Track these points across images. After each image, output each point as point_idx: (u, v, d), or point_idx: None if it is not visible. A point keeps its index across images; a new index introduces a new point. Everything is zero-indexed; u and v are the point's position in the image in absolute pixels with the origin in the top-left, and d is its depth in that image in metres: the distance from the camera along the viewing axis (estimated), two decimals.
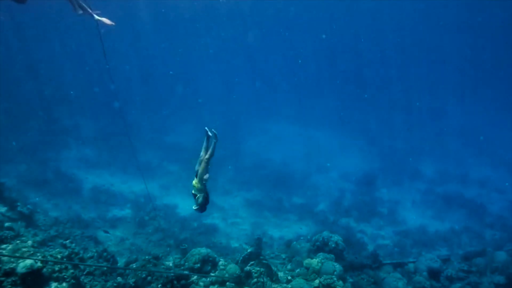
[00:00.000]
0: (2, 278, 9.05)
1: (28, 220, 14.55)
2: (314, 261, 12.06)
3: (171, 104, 50.51)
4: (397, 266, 16.54)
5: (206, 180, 8.17)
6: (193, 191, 8.40)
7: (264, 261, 11.26)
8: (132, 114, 40.82)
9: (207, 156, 8.04)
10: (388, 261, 16.72)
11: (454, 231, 23.87)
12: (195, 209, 8.61)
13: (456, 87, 64.94)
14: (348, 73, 71.17)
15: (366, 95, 59.37)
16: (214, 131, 8.04)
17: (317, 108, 57.60)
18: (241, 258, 11.72)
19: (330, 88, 69.50)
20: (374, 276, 14.80)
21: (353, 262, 15.33)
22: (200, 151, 8.26)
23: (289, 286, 10.69)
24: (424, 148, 43.46)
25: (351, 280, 13.89)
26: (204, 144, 8.20)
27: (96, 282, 10.94)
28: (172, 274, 9.96)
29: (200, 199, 8.35)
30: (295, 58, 75.39)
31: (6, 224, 12.23)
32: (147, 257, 11.38)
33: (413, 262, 16.86)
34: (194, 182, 8.29)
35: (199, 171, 8.12)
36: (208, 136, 8.15)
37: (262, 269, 10.72)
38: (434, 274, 16.08)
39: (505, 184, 33.58)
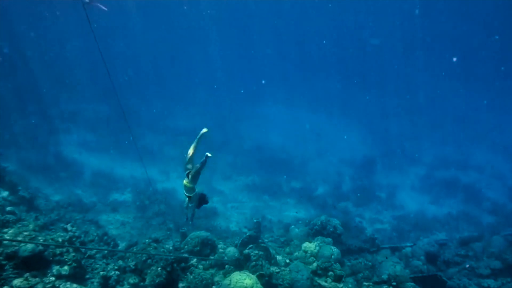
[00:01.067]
0: (4, 262, 9.20)
1: (30, 204, 14.69)
2: (312, 245, 12.19)
3: (171, 89, 50.48)
4: (395, 250, 16.73)
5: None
6: (184, 192, 8.42)
7: (262, 245, 11.41)
8: (132, 99, 40.76)
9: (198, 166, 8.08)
10: (386, 245, 16.92)
11: (452, 216, 24.04)
12: (195, 206, 8.64)
13: (455, 72, 64.65)
14: (349, 59, 70.82)
15: (367, 81, 59.24)
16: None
17: (317, 93, 57.50)
18: (240, 241, 11.87)
19: (330, 73, 69.33)
20: (372, 260, 14.98)
21: (351, 246, 15.52)
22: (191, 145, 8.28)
23: (287, 269, 10.82)
24: (423, 134, 43.50)
25: (349, 263, 14.07)
26: (194, 143, 8.33)
27: (97, 265, 11.12)
28: (172, 257, 10.11)
29: (196, 199, 8.39)
30: (294, 43, 74.94)
31: (8, 208, 12.36)
32: (147, 240, 11.52)
33: (411, 246, 17.05)
34: (185, 181, 8.30)
35: (191, 174, 8.14)
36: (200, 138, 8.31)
37: (260, 252, 10.85)
38: (431, 258, 16.31)
39: (503, 170, 33.76)
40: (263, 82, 59.61)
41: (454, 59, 58.99)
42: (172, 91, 50.09)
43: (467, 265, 15.85)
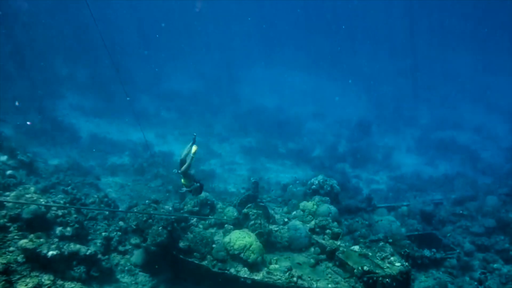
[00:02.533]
0: (9, 224, 9.34)
1: (29, 168, 14.71)
2: (310, 204, 12.34)
3: (167, 51, 49.70)
4: (391, 209, 17.01)
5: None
6: (184, 188, 9.21)
7: (261, 204, 11.55)
8: (127, 62, 40.24)
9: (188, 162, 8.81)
10: (382, 205, 17.19)
11: (448, 177, 24.33)
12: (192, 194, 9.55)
13: (454, 33, 63.84)
14: (345, 18, 69.54)
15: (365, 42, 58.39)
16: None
17: (314, 53, 56.77)
18: (238, 201, 11.98)
19: (326, 31, 68.27)
20: (369, 219, 15.26)
21: (348, 205, 15.77)
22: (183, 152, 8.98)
23: (286, 227, 11.02)
24: (420, 95, 43.41)
25: (346, 222, 14.35)
26: (186, 150, 8.95)
27: (99, 227, 11.31)
28: (172, 217, 10.27)
29: (196, 190, 9.30)
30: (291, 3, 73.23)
31: (8, 172, 12.36)
32: (147, 201, 11.66)
33: (407, 205, 17.29)
34: (182, 181, 9.10)
35: (184, 169, 8.82)
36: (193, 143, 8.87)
37: (259, 211, 11.00)
38: (426, 217, 16.60)
39: (499, 131, 33.94)
40: (259, 44, 58.63)
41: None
42: (167, 54, 49.33)
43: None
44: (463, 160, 27.66)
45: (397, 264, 9.40)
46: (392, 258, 9.65)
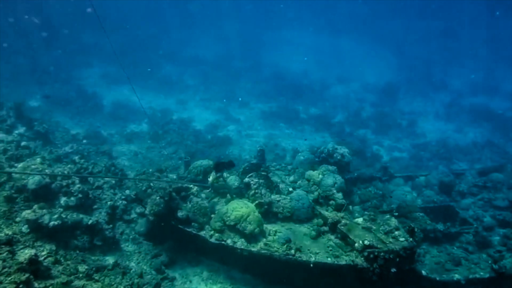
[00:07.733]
0: (16, 195, 9.65)
1: (45, 138, 15.07)
2: (315, 173, 11.92)
3: (191, 16, 49.18)
4: (409, 179, 16.38)
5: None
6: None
7: (263, 173, 11.28)
8: (151, 27, 40.15)
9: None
10: (400, 174, 16.58)
11: (476, 145, 23.14)
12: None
13: None
14: None
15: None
16: None
17: (341, 15, 54.62)
18: (241, 169, 11.77)
19: None
20: (383, 188, 14.77)
21: (362, 174, 15.31)
22: None
23: (288, 197, 10.77)
24: (452, 58, 41.12)
25: (359, 192, 13.93)
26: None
27: (105, 196, 11.48)
28: (170, 186, 10.23)
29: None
30: None
31: (23, 143, 12.81)
32: (150, 170, 11.71)
33: (426, 175, 16.58)
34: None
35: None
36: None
37: (261, 181, 10.78)
38: (445, 188, 15.68)
39: None
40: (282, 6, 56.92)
41: None
42: (192, 18, 48.84)
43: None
44: (495, 128, 26.21)
45: (401, 239, 9.02)
46: (396, 233, 9.25)
